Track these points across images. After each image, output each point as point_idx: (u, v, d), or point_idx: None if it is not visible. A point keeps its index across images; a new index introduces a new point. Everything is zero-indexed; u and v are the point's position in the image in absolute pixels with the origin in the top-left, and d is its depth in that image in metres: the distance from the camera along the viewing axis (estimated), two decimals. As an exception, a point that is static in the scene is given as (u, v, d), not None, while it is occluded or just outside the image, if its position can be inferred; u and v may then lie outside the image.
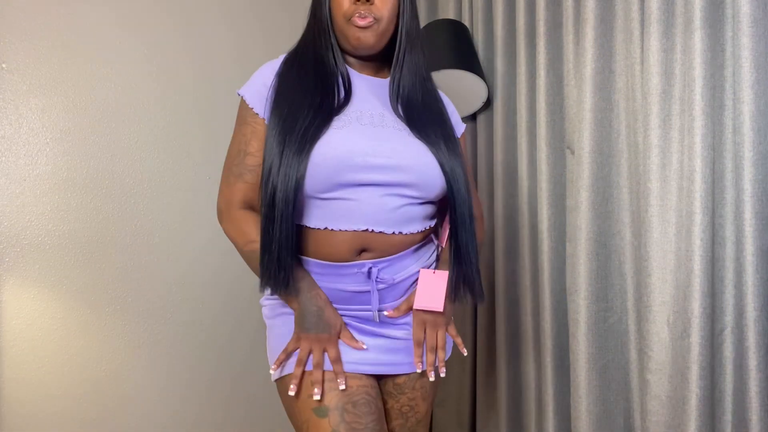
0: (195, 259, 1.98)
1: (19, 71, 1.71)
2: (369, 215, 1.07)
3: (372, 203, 1.07)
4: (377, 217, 1.07)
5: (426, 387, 1.15)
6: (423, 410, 1.14)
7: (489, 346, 2.15)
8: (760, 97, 1.39)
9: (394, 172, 1.08)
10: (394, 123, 1.13)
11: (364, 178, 1.06)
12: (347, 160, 1.05)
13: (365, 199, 1.07)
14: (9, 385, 1.70)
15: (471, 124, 2.21)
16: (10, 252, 1.70)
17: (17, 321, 1.71)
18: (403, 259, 1.12)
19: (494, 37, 2.05)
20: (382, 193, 1.08)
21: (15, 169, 1.71)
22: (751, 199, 1.39)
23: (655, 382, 1.54)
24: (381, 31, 1.12)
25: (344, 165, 1.05)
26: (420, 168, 1.09)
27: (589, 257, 1.70)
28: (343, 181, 1.05)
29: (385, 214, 1.08)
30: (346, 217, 1.06)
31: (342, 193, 1.06)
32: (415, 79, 1.18)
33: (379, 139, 1.09)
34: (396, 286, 1.12)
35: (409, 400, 1.14)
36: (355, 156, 1.05)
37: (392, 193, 1.08)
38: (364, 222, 1.06)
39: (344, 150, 1.05)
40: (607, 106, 1.71)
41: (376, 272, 1.09)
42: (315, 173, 1.04)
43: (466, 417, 2.23)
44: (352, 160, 1.05)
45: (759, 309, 1.39)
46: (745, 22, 1.38)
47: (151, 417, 1.91)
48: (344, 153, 1.05)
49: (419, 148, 1.11)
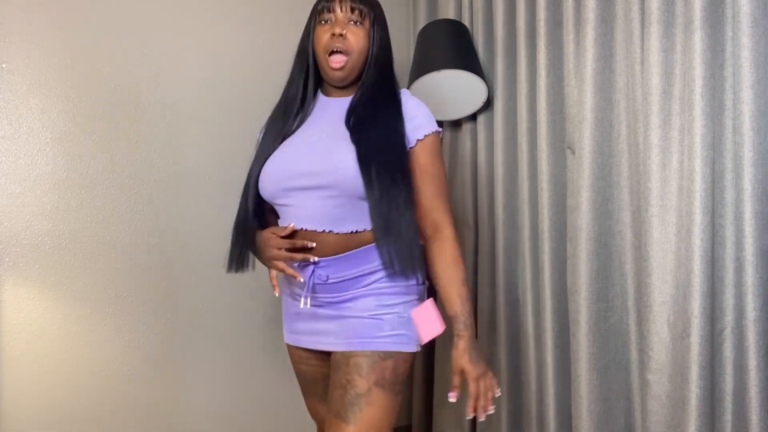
0: (195, 259, 1.98)
1: (19, 71, 1.71)
2: (301, 217, 1.30)
3: (304, 206, 1.29)
4: (310, 217, 1.29)
5: (360, 365, 1.25)
6: (361, 386, 1.24)
7: (490, 346, 2.15)
8: (760, 97, 1.39)
9: (317, 177, 1.27)
10: (334, 135, 1.31)
11: (296, 184, 1.29)
12: (281, 172, 1.31)
13: (299, 203, 1.30)
14: (9, 385, 1.70)
15: (471, 124, 2.21)
16: (10, 252, 1.70)
17: (17, 321, 1.71)
18: (339, 262, 1.29)
19: (494, 37, 2.05)
20: (312, 195, 1.29)
21: (15, 169, 1.71)
22: (751, 199, 1.39)
23: (655, 381, 1.54)
24: (351, 67, 1.33)
25: (281, 176, 1.31)
26: (336, 170, 1.26)
27: (589, 257, 1.70)
28: (282, 188, 1.31)
29: (316, 213, 1.29)
30: (287, 219, 1.33)
31: (285, 200, 1.32)
32: (372, 96, 1.34)
33: (310, 151, 1.31)
34: (330, 286, 1.30)
35: (345, 374, 1.26)
36: (287, 168, 1.31)
37: (320, 195, 1.28)
38: (299, 221, 1.30)
39: (280, 165, 1.32)
40: (607, 106, 1.71)
41: (312, 268, 1.29)
42: (264, 185, 1.34)
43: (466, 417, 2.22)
44: (285, 172, 1.31)
45: (759, 309, 1.39)
46: (745, 22, 1.38)
47: (151, 417, 1.91)
48: (279, 167, 1.32)
49: (342, 154, 1.26)
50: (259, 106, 2.10)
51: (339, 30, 1.30)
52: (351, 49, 1.31)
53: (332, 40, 1.30)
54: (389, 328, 1.28)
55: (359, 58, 1.33)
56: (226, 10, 2.06)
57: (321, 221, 1.28)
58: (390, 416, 1.25)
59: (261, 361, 2.12)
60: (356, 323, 1.29)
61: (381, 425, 1.23)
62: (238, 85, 2.06)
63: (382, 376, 1.25)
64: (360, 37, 1.32)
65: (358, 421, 1.21)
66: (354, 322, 1.29)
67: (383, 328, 1.28)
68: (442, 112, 2.15)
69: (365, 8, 1.32)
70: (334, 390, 1.27)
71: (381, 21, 1.37)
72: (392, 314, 1.29)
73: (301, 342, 1.39)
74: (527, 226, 1.95)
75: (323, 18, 1.33)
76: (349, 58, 1.32)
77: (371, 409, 1.23)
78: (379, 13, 1.37)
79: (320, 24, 1.34)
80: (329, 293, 1.31)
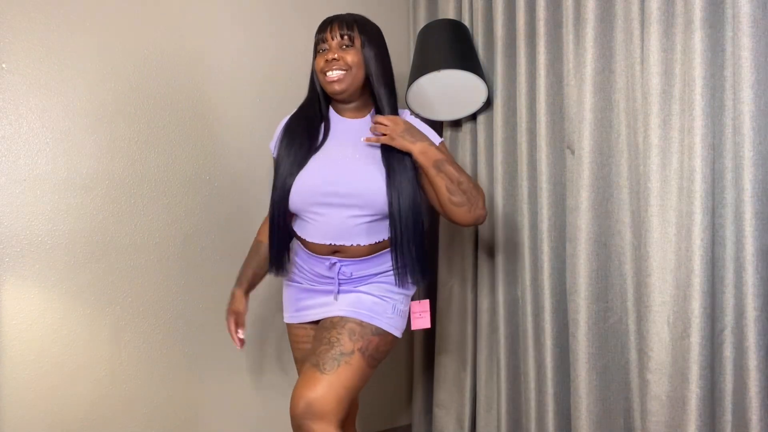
0: (195, 259, 1.98)
1: (19, 71, 1.71)
2: (331, 233, 1.47)
3: (332, 223, 1.46)
4: (340, 233, 1.47)
5: (354, 331, 1.43)
6: (347, 347, 1.41)
7: (489, 346, 2.15)
8: (760, 97, 1.39)
9: (349, 197, 1.45)
10: (357, 156, 1.49)
11: (326, 201, 1.46)
12: (313, 187, 1.46)
13: (329, 220, 1.46)
14: (9, 385, 1.70)
15: (471, 124, 2.21)
16: (10, 252, 1.70)
17: (17, 321, 1.71)
18: (362, 263, 1.50)
19: (494, 37, 2.05)
20: (339, 212, 1.46)
21: (15, 169, 1.71)
22: (751, 199, 1.39)
23: (655, 382, 1.54)
24: (351, 79, 1.48)
25: (312, 192, 1.46)
26: (370, 193, 1.45)
27: (589, 257, 1.70)
28: (312, 203, 1.47)
29: (346, 230, 1.47)
30: (317, 233, 1.49)
31: (311, 214, 1.48)
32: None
33: (342, 171, 1.47)
34: (353, 280, 1.51)
35: (337, 333, 1.43)
36: (318, 185, 1.46)
37: (349, 214, 1.46)
38: (330, 238, 1.48)
39: (310, 181, 1.47)
40: (607, 106, 1.71)
41: (339, 267, 1.49)
42: (294, 199, 1.48)
43: (466, 417, 2.23)
44: (317, 188, 1.46)
45: (759, 309, 1.39)
46: (745, 22, 1.38)
47: (152, 417, 1.91)
48: (310, 183, 1.46)
49: (371, 176, 1.46)
50: (259, 107, 2.10)
51: (331, 55, 1.47)
52: (347, 65, 1.47)
53: (328, 64, 1.48)
54: (390, 312, 1.50)
55: (357, 72, 1.49)
56: (227, 10, 2.06)
57: (350, 236, 1.47)
58: (359, 382, 1.40)
59: (264, 360, 2.13)
60: (368, 299, 1.49)
61: (350, 385, 1.37)
62: (239, 85, 2.07)
63: (367, 347, 1.43)
64: (352, 55, 1.48)
65: (332, 373, 1.36)
66: (366, 299, 1.49)
67: (387, 310, 1.49)
68: (442, 112, 2.15)
69: (353, 33, 1.49)
70: (318, 345, 1.42)
71: (374, 42, 1.51)
72: (394, 302, 1.51)
73: (308, 317, 1.56)
74: (527, 226, 1.95)
75: (320, 48, 1.51)
76: (346, 72, 1.47)
77: (348, 369, 1.38)
78: (372, 35, 1.52)
79: (318, 54, 1.51)
80: (350, 283, 1.52)
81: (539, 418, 1.90)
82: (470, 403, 2.22)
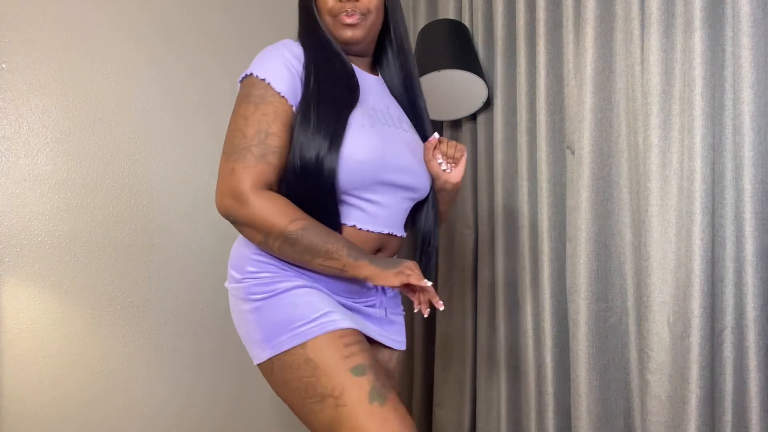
0: (195, 259, 1.98)
1: (19, 71, 1.71)
2: (390, 219, 1.15)
3: (393, 207, 1.14)
4: (396, 220, 1.16)
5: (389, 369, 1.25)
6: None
7: (489, 346, 2.15)
8: (760, 97, 1.39)
9: (410, 176, 1.16)
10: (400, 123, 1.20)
11: (393, 179, 1.12)
12: (381, 159, 1.09)
13: (389, 203, 1.14)
14: (9, 385, 1.70)
15: (471, 124, 2.21)
16: (10, 252, 1.70)
17: (17, 321, 1.71)
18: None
19: (494, 37, 2.05)
20: (401, 196, 1.16)
21: (15, 169, 1.71)
22: (751, 199, 1.39)
23: (655, 382, 1.54)
24: (369, 25, 1.16)
25: (380, 164, 1.09)
26: (424, 172, 1.20)
27: (589, 257, 1.70)
28: (376, 180, 1.10)
29: (400, 218, 1.18)
30: (373, 219, 1.12)
31: (373, 195, 1.11)
32: (405, 77, 1.25)
33: (395, 141, 1.14)
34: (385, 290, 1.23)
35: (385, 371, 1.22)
36: (387, 156, 1.11)
37: (406, 196, 1.17)
38: (387, 226, 1.14)
39: (379, 150, 1.09)
40: (607, 106, 1.71)
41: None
42: (353, 170, 1.06)
43: (466, 417, 2.23)
44: (386, 160, 1.10)
45: (759, 309, 1.39)
46: (745, 22, 1.38)
47: (152, 418, 1.91)
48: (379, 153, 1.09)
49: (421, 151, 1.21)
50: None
51: None
52: (366, 9, 1.14)
53: (341, 4, 1.13)
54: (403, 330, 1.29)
55: (377, 19, 1.17)
56: (228, 10, 2.06)
57: (401, 224, 1.18)
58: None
59: (261, 361, 2.12)
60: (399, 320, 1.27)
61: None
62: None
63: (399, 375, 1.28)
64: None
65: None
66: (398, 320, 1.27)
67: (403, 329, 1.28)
68: (442, 112, 2.15)
69: None
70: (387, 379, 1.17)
71: None
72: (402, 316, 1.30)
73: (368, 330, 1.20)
74: (527, 225, 1.95)
75: None
76: (363, 17, 1.14)
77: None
78: None
79: None
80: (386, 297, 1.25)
81: (539, 418, 1.90)
82: (470, 403, 2.22)
